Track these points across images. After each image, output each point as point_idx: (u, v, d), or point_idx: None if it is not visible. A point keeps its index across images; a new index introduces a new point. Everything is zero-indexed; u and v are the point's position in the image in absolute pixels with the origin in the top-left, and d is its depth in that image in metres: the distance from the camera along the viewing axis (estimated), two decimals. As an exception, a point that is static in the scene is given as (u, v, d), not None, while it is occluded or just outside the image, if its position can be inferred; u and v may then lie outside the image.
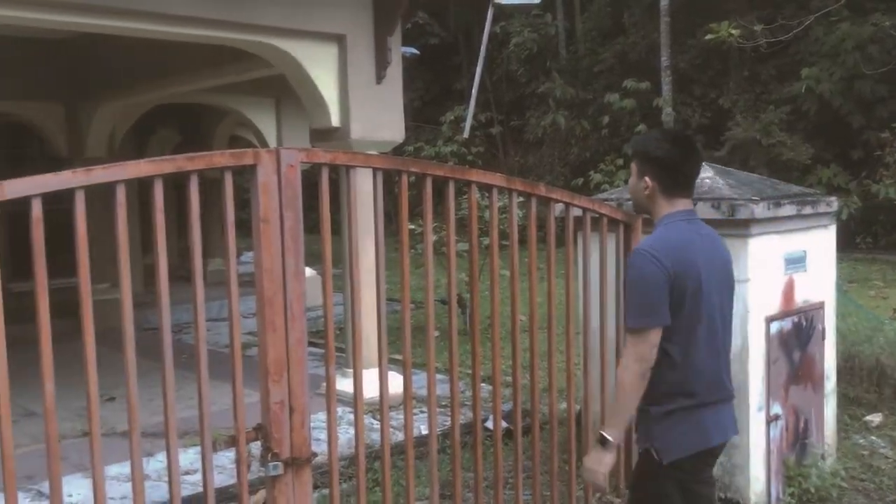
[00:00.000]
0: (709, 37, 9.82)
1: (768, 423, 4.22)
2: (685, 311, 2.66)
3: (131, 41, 6.62)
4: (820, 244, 4.58)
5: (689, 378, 2.71)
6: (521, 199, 3.87)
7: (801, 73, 16.26)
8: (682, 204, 2.81)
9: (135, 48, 7.35)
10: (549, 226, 4.03)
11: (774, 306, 4.25)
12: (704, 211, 4.06)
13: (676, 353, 2.68)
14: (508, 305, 3.95)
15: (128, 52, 7.85)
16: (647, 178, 2.80)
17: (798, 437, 4.48)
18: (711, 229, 2.95)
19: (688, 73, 18.32)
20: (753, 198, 4.05)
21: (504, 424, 4.12)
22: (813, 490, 4.37)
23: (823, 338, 4.63)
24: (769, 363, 4.20)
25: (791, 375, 4.39)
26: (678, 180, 2.79)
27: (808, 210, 4.37)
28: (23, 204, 2.34)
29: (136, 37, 5.81)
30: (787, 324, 4.33)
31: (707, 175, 4.34)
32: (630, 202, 4.30)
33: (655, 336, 2.63)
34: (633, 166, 2.90)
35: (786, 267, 4.32)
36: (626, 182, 14.88)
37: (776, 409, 4.27)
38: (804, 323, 4.46)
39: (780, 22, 11.59)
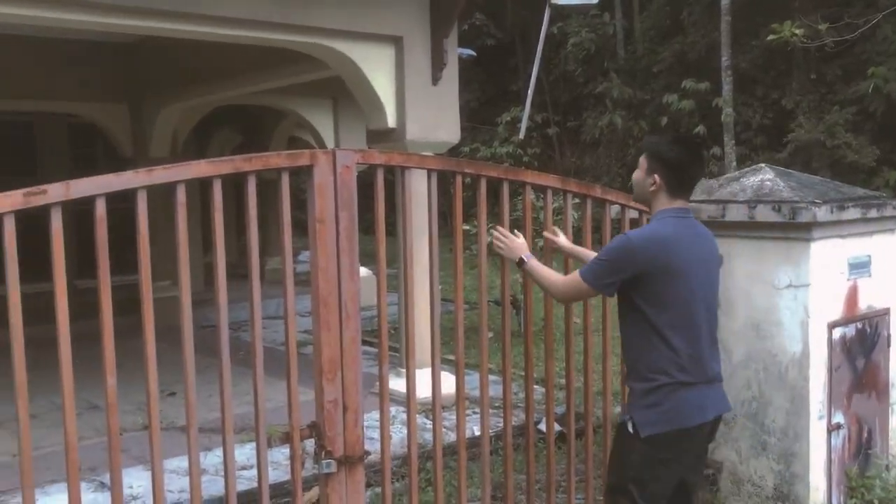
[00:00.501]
0: (771, 37, 9.61)
1: (829, 432, 4.11)
2: (665, 297, 2.93)
3: (193, 44, 6.77)
4: (885, 249, 4.45)
5: (669, 359, 2.94)
6: (577, 200, 3.85)
7: (868, 73, 15.77)
8: (680, 203, 3.07)
9: (197, 51, 7.51)
10: (604, 228, 4.00)
11: (837, 312, 4.14)
12: (765, 214, 3.98)
13: (657, 335, 2.95)
14: (562, 307, 3.92)
15: (190, 55, 8.02)
16: (655, 176, 3.04)
17: (861, 448, 4.35)
18: (703, 227, 3.23)
19: (749, 73, 17.93)
20: (816, 201, 3.95)
21: (557, 427, 4.10)
22: (877, 502, 4.24)
23: (889, 345, 4.49)
24: (831, 370, 4.09)
25: (854, 383, 4.26)
26: (683, 181, 3.06)
27: (873, 214, 4.24)
28: (88, 203, 2.41)
29: (197, 40, 5.92)
30: (850, 330, 4.21)
31: (767, 177, 4.25)
32: (689, 205, 4.24)
33: (587, 293, 3.14)
34: (643, 162, 3.10)
35: (849, 272, 4.20)
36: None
37: (838, 417, 4.16)
38: (868, 329, 4.33)
39: (847, 20, 11.27)
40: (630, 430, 2.97)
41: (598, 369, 4.16)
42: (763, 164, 4.49)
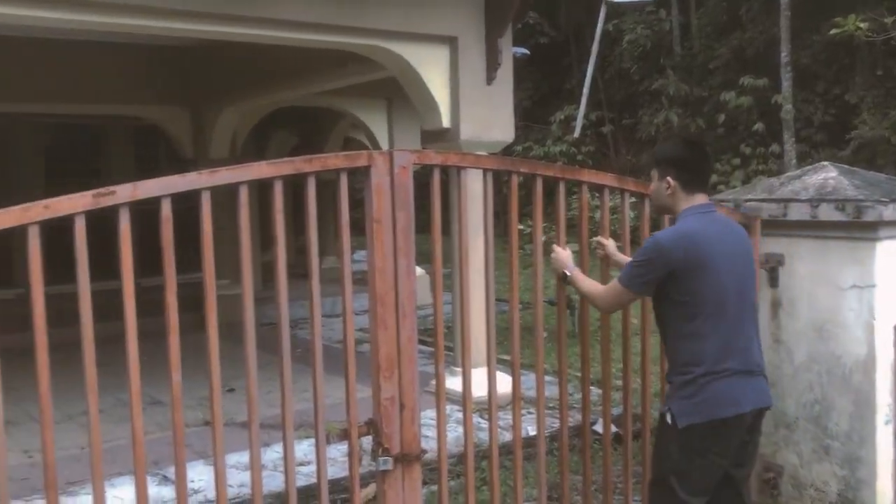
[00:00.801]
0: (834, 31, 9.36)
1: (897, 436, 3.99)
2: (696, 291, 3.02)
3: (252, 47, 6.89)
4: (956, 248, 4.30)
5: (702, 351, 3.02)
6: (634, 199, 3.81)
7: (936, 67, 15.26)
8: (700, 199, 3.18)
9: (256, 54, 7.64)
10: (662, 227, 3.95)
11: (904, 313, 4.02)
12: (828, 213, 3.89)
13: (689, 329, 3.05)
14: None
15: (249, 58, 8.17)
16: (668, 179, 3.16)
17: (930, 453, 4.22)
18: (728, 218, 3.41)
19: (810, 69, 17.50)
20: (882, 199, 3.84)
21: (613, 429, 4.06)
22: (947, 510, 4.11)
23: (959, 348, 4.34)
24: (898, 374, 3.97)
25: (922, 387, 4.13)
26: (695, 176, 3.18)
27: (943, 212, 4.10)
28: (151, 202, 2.48)
29: (256, 43, 6.03)
30: (918, 332, 4.08)
31: (830, 175, 4.15)
32: (749, 204, 4.18)
33: (626, 296, 3.21)
34: (654, 172, 3.24)
35: (918, 272, 4.07)
36: (743, 183, 14.35)
37: (905, 422, 4.04)
38: (938, 332, 4.19)
39: (914, 13, 10.92)
40: (669, 421, 3.05)
41: (656, 371, 4.12)
42: (826, 162, 4.39)
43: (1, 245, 2.28)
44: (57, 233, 2.47)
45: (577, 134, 16.92)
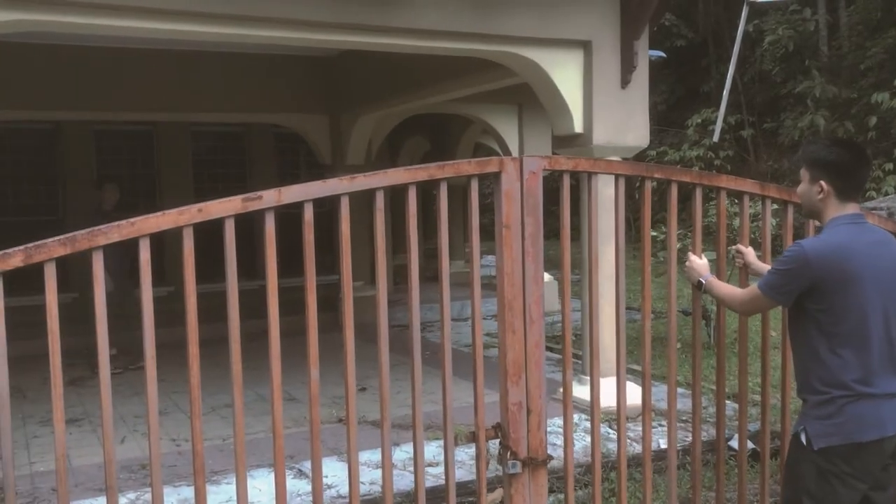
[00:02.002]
0: None
1: None
2: (839, 307, 2.84)
3: (388, 56, 7.08)
4: None
5: (842, 370, 2.85)
6: (776, 206, 3.66)
7: None
8: (852, 208, 2.97)
9: (391, 63, 7.84)
10: (806, 236, 3.78)
11: None
12: None
13: (828, 346, 2.87)
14: (758, 320, 3.74)
15: (385, 67, 8.40)
16: (822, 183, 2.95)
17: None
18: (883, 230, 3.13)
19: (974, 67, 16.24)
20: None
21: (750, 445, 3.91)
22: None
23: None
24: None
25: None
26: (851, 183, 2.96)
27: None
28: (293, 207, 2.60)
29: (392, 52, 6.19)
30: None
31: None
32: None
33: (766, 304, 3.05)
34: (805, 173, 3.03)
35: None
36: (895, 188, 13.40)
37: None
38: None
39: None
40: (804, 441, 2.91)
41: (795, 386, 3.94)
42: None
43: (154, 246, 2.43)
44: (203, 235, 2.61)
45: (716, 138, 16.35)
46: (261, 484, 4.69)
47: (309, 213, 2.57)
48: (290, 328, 3.04)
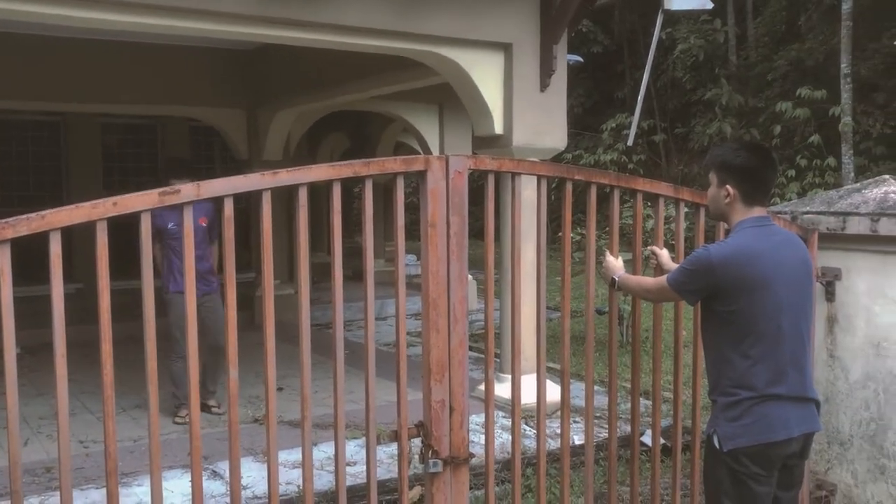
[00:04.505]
0: (898, 41, 9.13)
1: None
2: (746, 309, 2.86)
3: (307, 51, 6.99)
4: None
5: (751, 372, 2.87)
6: (689, 209, 3.78)
7: None
8: (758, 211, 2.99)
9: (311, 58, 7.75)
10: (717, 238, 3.91)
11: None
12: (889, 227, 3.81)
13: (738, 349, 2.89)
14: (671, 319, 3.86)
15: (305, 62, 8.29)
16: (728, 187, 2.97)
17: None
18: (788, 232, 3.18)
19: (870, 81, 17.11)
20: (947, 215, 3.75)
21: (662, 440, 4.03)
22: None
23: None
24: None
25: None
26: (758, 187, 2.98)
27: None
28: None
29: (313, 48, 6.12)
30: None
31: (892, 189, 4.06)
32: (806, 216, 4.11)
33: (671, 296, 3.09)
34: (713, 177, 3.05)
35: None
36: (798, 195, 14.10)
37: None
38: None
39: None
40: (716, 444, 2.92)
41: (706, 383, 4.07)
42: (887, 176, 4.30)
43: (62, 241, 2.33)
44: (117, 230, 2.51)
45: (630, 142, 16.76)
46: (173, 486, 4.56)
47: (229, 209, 2.51)
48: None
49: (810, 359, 3.13)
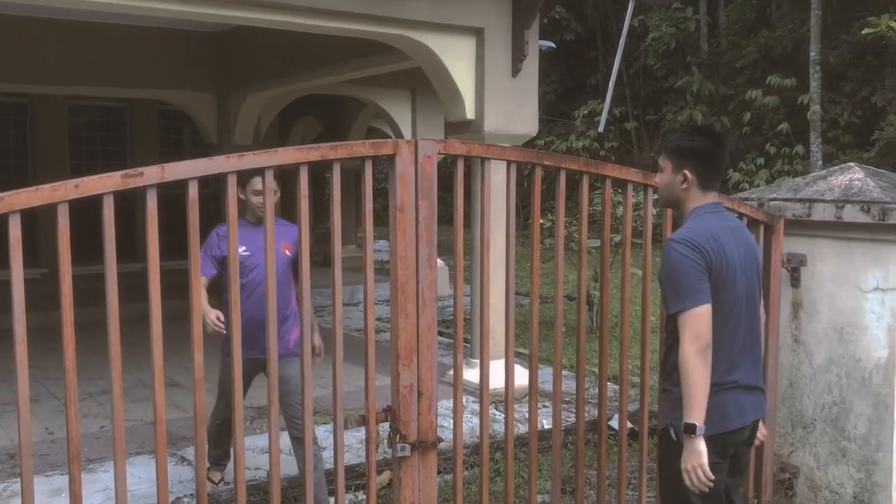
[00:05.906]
0: (867, 30, 9.26)
1: (915, 442, 3.96)
2: (714, 296, 2.76)
3: (278, 35, 6.93)
4: (983, 254, 4.26)
5: (711, 364, 2.76)
6: (658, 195, 3.80)
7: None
8: (712, 196, 2.94)
9: (282, 42, 7.68)
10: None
11: (928, 318, 3.99)
12: (853, 214, 3.86)
13: None
14: (639, 305, 3.88)
15: (275, 46, 8.21)
16: (686, 172, 2.89)
17: (948, 460, 4.18)
18: (737, 220, 3.14)
19: (838, 69, 17.33)
20: (909, 202, 3.81)
21: (629, 424, 4.06)
22: (963, 517, 4.08)
23: (982, 355, 4.30)
24: (919, 379, 3.94)
25: (943, 393, 4.10)
26: (714, 171, 2.93)
27: (970, 217, 4.06)
28: (173, 185, 2.50)
29: (283, 30, 6.06)
30: (941, 338, 4.04)
31: (857, 176, 4.12)
32: (773, 203, 4.15)
33: (706, 311, 2.73)
34: (667, 162, 2.96)
35: (943, 277, 4.03)
36: (767, 182, 14.25)
37: (925, 427, 4.01)
38: (961, 338, 4.15)
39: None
40: (672, 436, 2.85)
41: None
42: (852, 163, 4.36)
43: (26, 226, 2.29)
44: (80, 213, 2.47)
45: (601, 129, 16.84)
46: (140, 472, 4.54)
47: (194, 192, 2.48)
48: (172, 312, 2.93)
49: (761, 346, 3.11)
